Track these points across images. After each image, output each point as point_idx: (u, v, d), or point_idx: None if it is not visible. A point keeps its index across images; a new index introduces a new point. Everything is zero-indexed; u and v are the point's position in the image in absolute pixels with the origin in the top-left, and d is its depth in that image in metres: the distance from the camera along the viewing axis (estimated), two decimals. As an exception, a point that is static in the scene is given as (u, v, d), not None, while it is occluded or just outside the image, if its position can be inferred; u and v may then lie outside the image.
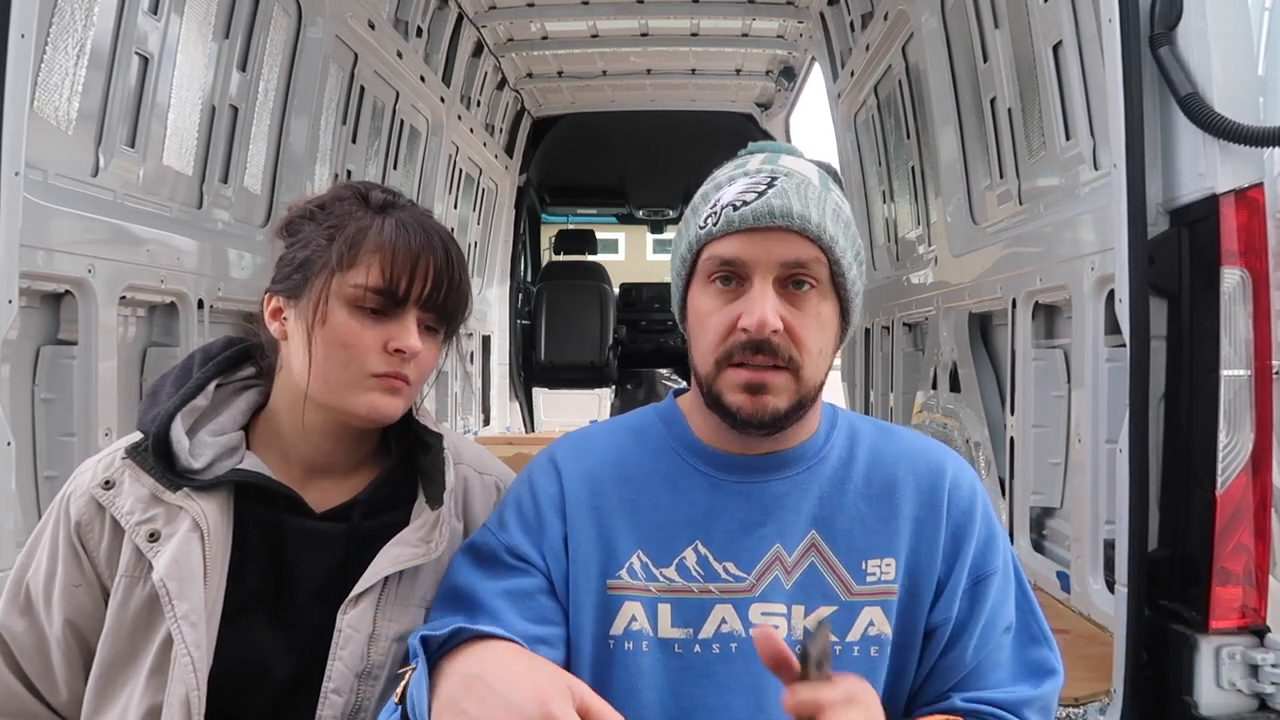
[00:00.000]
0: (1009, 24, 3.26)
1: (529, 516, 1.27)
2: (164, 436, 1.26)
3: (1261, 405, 2.00)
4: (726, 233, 1.19)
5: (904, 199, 4.69)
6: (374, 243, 1.25)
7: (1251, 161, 2.01)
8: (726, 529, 1.24)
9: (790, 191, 1.19)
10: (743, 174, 1.23)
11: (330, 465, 1.33)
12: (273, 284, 1.31)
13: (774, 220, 1.18)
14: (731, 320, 1.19)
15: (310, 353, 1.25)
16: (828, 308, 1.21)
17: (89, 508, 1.27)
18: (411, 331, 1.25)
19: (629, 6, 5.72)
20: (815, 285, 1.20)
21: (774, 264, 1.18)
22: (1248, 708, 2.00)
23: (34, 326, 2.34)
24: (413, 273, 1.25)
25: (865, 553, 1.23)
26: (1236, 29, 2.05)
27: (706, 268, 1.22)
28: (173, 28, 2.82)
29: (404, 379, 1.27)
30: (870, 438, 1.31)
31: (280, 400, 1.32)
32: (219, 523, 1.25)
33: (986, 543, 1.27)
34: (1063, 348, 2.95)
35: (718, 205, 1.21)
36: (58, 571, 1.28)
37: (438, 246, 1.27)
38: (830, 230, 1.19)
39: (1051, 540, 3.07)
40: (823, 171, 1.27)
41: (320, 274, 1.25)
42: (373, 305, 1.24)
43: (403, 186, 5.17)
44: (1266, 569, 2.02)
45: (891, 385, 4.74)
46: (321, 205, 1.30)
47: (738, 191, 1.20)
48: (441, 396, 5.66)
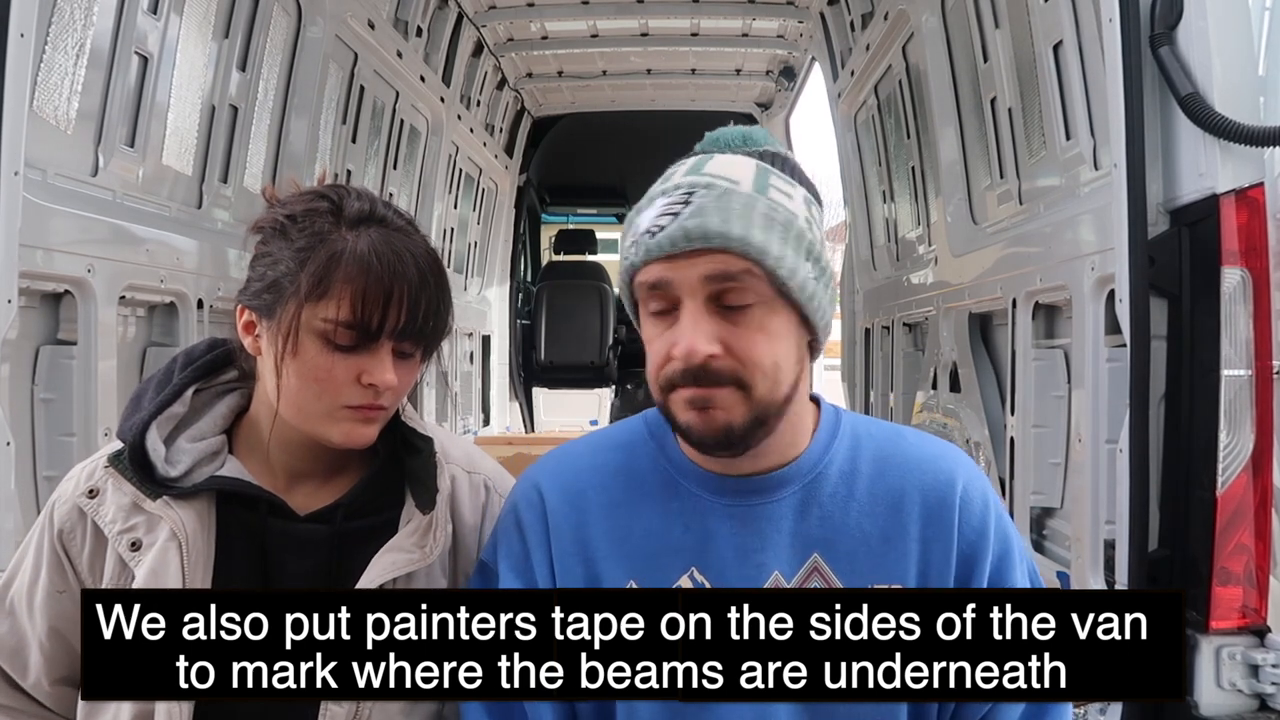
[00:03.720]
0: (1009, 24, 3.26)
1: (518, 560, 1.24)
2: (139, 445, 1.25)
3: (1262, 405, 2.00)
4: (648, 261, 1.13)
5: (904, 199, 4.68)
6: (344, 273, 1.19)
7: (1252, 161, 2.01)
8: (722, 556, 1.18)
9: (708, 207, 1.10)
10: (661, 193, 1.15)
11: (313, 471, 1.31)
12: (244, 295, 1.27)
13: (689, 243, 1.10)
14: (667, 348, 1.13)
15: (280, 379, 1.23)
16: (778, 320, 1.13)
17: (71, 515, 1.27)
18: (386, 365, 1.21)
19: (629, 6, 5.72)
20: (755, 299, 1.12)
21: (698, 285, 1.11)
22: (1248, 708, 1.99)
23: (33, 326, 2.34)
24: (385, 306, 1.19)
25: (870, 577, 1.18)
26: (1236, 29, 2.05)
27: (640, 295, 1.16)
28: (172, 27, 2.82)
29: (379, 408, 1.24)
30: (875, 445, 1.24)
31: (260, 410, 1.30)
32: (198, 531, 1.24)
33: (1002, 558, 1.21)
34: (1063, 348, 2.95)
35: (637, 232, 1.14)
36: (41, 578, 1.29)
37: (410, 273, 1.20)
38: (758, 239, 1.10)
39: (1051, 540, 3.07)
40: (763, 167, 1.16)
41: (290, 300, 1.20)
42: (343, 341, 1.20)
43: (402, 186, 5.20)
44: (1267, 569, 2.02)
45: (891, 385, 4.74)
46: (293, 217, 1.23)
47: (654, 216, 1.13)
48: (441, 396, 5.66)
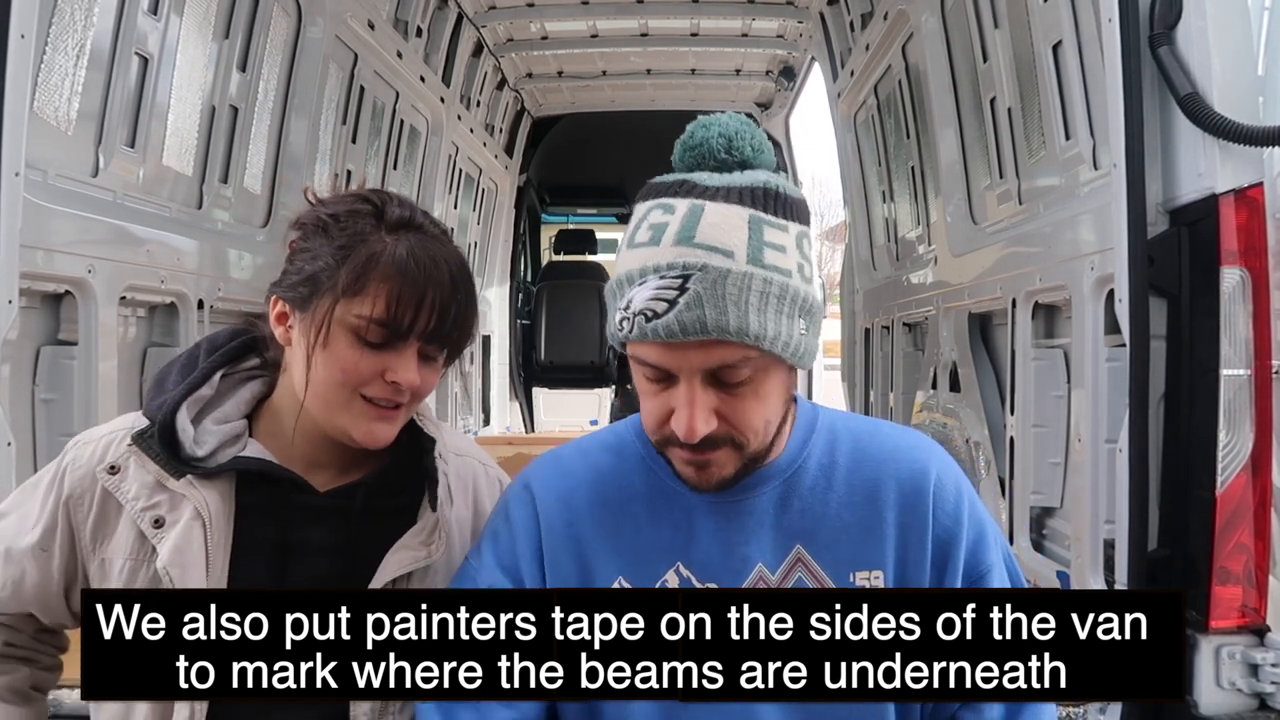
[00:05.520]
0: (1009, 24, 3.26)
1: (505, 556, 1.26)
2: (170, 424, 1.29)
3: (1261, 405, 2.00)
4: (643, 341, 1.13)
5: (904, 199, 4.69)
6: (381, 273, 1.23)
7: (1251, 161, 2.01)
8: (707, 550, 1.22)
9: (704, 296, 1.09)
10: (654, 269, 1.11)
11: (331, 462, 1.35)
12: (280, 287, 1.31)
13: (687, 336, 1.10)
14: (664, 413, 1.16)
15: (309, 370, 1.27)
16: (773, 380, 1.17)
17: (83, 482, 1.30)
18: (411, 366, 1.26)
19: (629, 6, 5.73)
20: (751, 372, 1.14)
21: (696, 370, 1.13)
22: (1248, 707, 1.99)
23: (34, 327, 2.34)
24: (418, 308, 1.24)
25: (852, 564, 1.22)
26: (1236, 29, 2.04)
27: (634, 363, 1.17)
28: (172, 28, 2.82)
29: (399, 404, 1.28)
30: (852, 438, 1.28)
31: (283, 399, 1.34)
32: (221, 510, 1.28)
33: (977, 541, 1.25)
34: (1063, 348, 2.95)
35: (630, 308, 1.12)
36: (35, 531, 1.31)
37: (444, 279, 1.26)
38: (754, 327, 1.10)
39: (1051, 540, 3.07)
40: (755, 219, 1.13)
41: (326, 294, 1.25)
42: (374, 339, 1.24)
43: (402, 187, 5.19)
44: (1266, 569, 2.02)
45: (891, 385, 4.74)
46: (335, 216, 1.28)
47: (647, 298, 1.11)
48: (441, 396, 5.66)
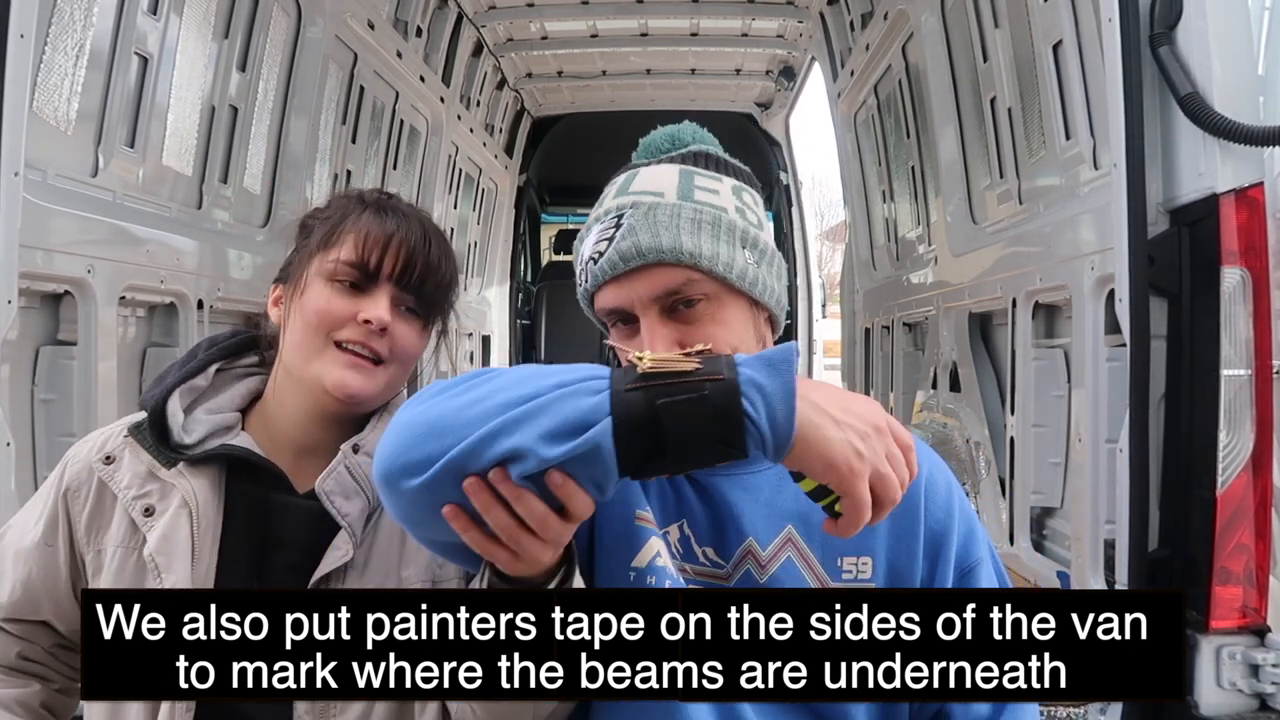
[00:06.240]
0: (1009, 23, 3.26)
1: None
2: (160, 410, 1.32)
3: (1262, 405, 2.00)
4: (598, 287, 1.22)
5: (904, 199, 4.69)
6: (352, 224, 1.33)
7: (1251, 161, 2.01)
8: (707, 517, 1.25)
9: (637, 227, 1.18)
10: (596, 219, 1.24)
11: (316, 448, 1.35)
12: (278, 277, 1.41)
13: (626, 264, 1.18)
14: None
15: (288, 329, 1.33)
16: (729, 310, 1.21)
17: (80, 474, 1.34)
18: (382, 305, 1.30)
19: (629, 6, 5.73)
20: (701, 296, 1.19)
21: (648, 301, 1.19)
22: (1248, 708, 2.00)
23: (33, 327, 2.34)
24: (385, 248, 1.31)
25: (840, 549, 1.24)
26: (1236, 29, 2.05)
27: (604, 319, 1.26)
28: (172, 28, 2.82)
29: (375, 354, 1.31)
30: None
31: (274, 389, 1.38)
32: (209, 499, 1.31)
33: (968, 536, 1.28)
34: (1063, 347, 2.95)
35: (582, 260, 1.24)
36: (39, 527, 1.35)
37: (414, 228, 1.33)
38: (688, 245, 1.18)
39: (1051, 540, 3.07)
40: (685, 170, 1.24)
41: (306, 256, 1.34)
42: (347, 278, 1.30)
43: (402, 187, 5.20)
44: (1267, 569, 2.02)
45: (891, 385, 4.74)
46: (328, 204, 1.40)
47: (593, 244, 1.22)
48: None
